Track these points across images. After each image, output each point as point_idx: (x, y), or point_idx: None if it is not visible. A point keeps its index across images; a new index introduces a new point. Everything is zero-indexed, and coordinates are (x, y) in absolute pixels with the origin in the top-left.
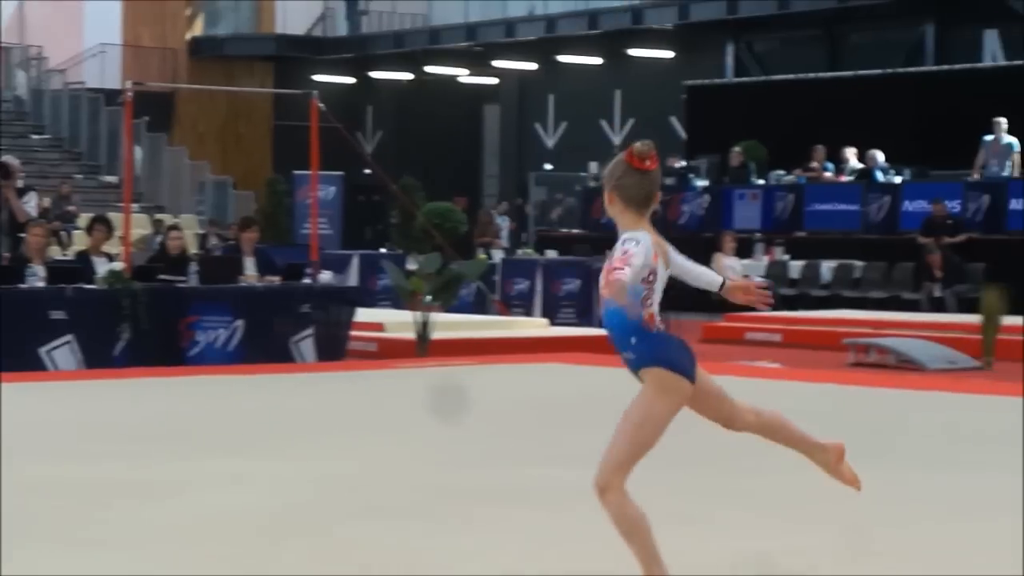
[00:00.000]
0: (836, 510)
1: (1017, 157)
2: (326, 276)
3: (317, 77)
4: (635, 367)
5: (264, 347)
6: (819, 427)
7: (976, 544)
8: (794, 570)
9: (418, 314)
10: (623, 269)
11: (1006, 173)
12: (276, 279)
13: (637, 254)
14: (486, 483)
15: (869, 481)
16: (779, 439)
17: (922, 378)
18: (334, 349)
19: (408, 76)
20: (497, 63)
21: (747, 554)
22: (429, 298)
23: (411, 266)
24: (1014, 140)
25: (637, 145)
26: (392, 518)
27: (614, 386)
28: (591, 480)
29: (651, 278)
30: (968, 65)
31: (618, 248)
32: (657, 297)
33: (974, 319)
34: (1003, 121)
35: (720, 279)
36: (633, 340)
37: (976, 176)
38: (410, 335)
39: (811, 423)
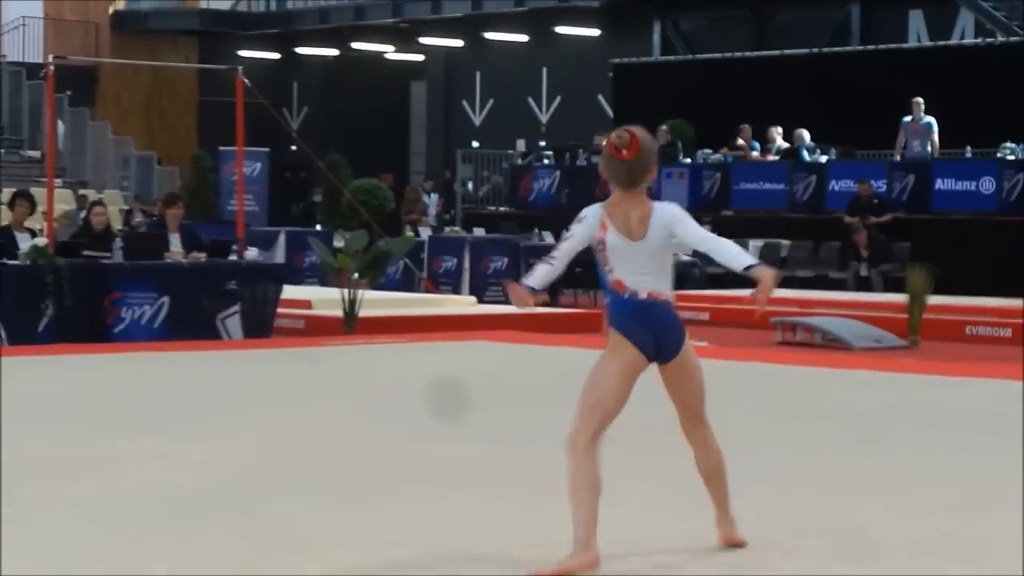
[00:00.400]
0: (760, 489)
1: (936, 137)
2: (252, 253)
3: (242, 52)
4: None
5: (190, 324)
6: (747, 405)
7: (900, 517)
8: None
9: (345, 291)
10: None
11: (927, 152)
12: (202, 256)
13: (573, 230)
14: (412, 461)
15: (800, 459)
16: (709, 483)
17: (848, 357)
18: (261, 326)
19: (334, 52)
20: (424, 40)
21: (673, 532)
22: (356, 275)
23: (338, 243)
24: (932, 120)
25: (614, 136)
26: (316, 495)
27: (541, 364)
28: (519, 457)
29: (600, 247)
30: (893, 45)
31: None
32: (620, 264)
33: (900, 298)
34: (920, 101)
35: (747, 262)
36: (607, 301)
37: (898, 156)
38: (337, 313)
39: (739, 402)
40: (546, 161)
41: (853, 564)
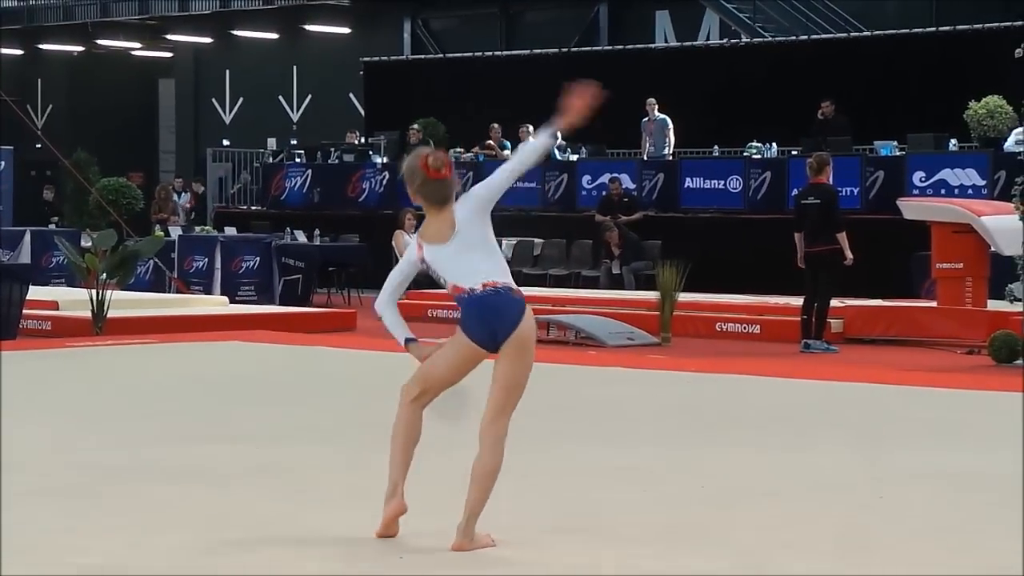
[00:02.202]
0: (513, 484)
1: (671, 134)
2: None
3: None
4: None
5: None
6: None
7: (652, 507)
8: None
9: (93, 292)
10: None
11: (666, 151)
12: None
13: (405, 257)
14: (158, 462)
15: (553, 454)
16: (472, 485)
17: (601, 354)
18: (6, 328)
19: (79, 49)
20: (171, 37)
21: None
22: (104, 276)
23: (86, 243)
24: (667, 118)
25: (431, 158)
26: (60, 498)
27: (295, 364)
28: (272, 456)
29: (424, 266)
30: (641, 45)
31: None
32: (447, 272)
33: (652, 296)
34: (653, 101)
35: (550, 129)
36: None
37: (645, 156)
38: (85, 313)
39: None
40: (298, 160)
41: (601, 553)
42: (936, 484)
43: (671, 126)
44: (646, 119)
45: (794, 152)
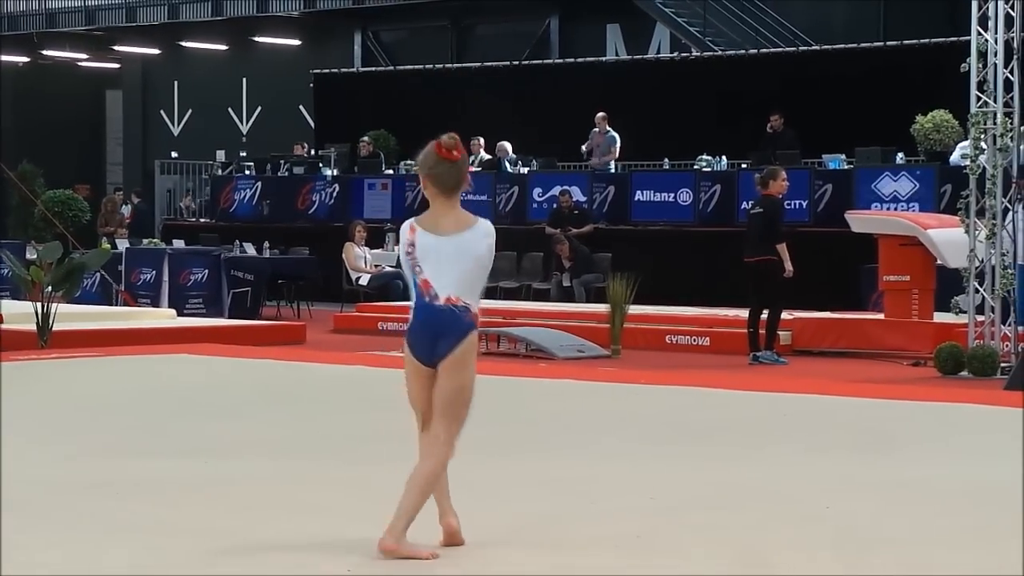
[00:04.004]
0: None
1: (617, 148)
2: None
3: None
4: None
5: None
6: None
7: (600, 517)
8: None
9: (39, 305)
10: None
11: (610, 168)
12: None
13: (400, 241)
14: (105, 476)
15: (502, 467)
16: (405, 489)
17: (552, 366)
18: None
19: (24, 59)
20: (119, 48)
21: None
22: (50, 288)
23: (31, 255)
24: (615, 134)
25: (444, 138)
26: (4, 513)
27: (240, 377)
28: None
29: (409, 249)
30: (592, 58)
31: None
32: (428, 264)
33: (602, 308)
34: (603, 115)
35: None
36: (412, 302)
37: (584, 158)
38: (31, 327)
39: None
40: (247, 172)
41: (549, 564)
42: (883, 494)
43: (618, 144)
44: (595, 130)
45: (744, 165)
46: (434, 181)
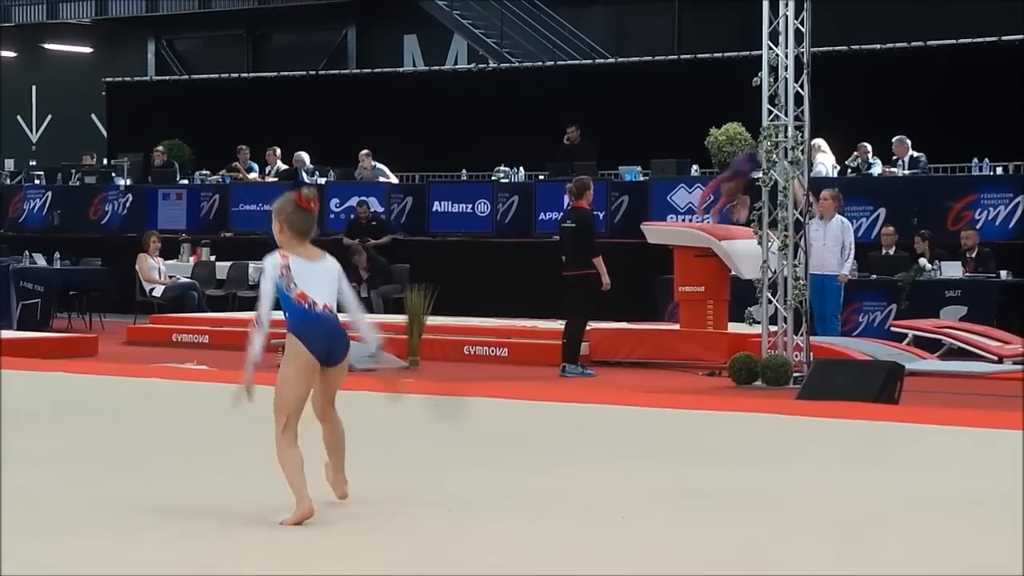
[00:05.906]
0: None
1: (388, 177)
2: None
3: None
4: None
5: None
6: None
7: (395, 532)
8: None
9: None
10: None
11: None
12: None
13: (264, 274)
14: None
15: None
16: (333, 454)
17: (349, 378)
18: None
19: None
20: None
21: None
22: None
23: None
24: (383, 167)
25: (304, 191)
26: None
27: (31, 390)
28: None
29: (284, 271)
30: (389, 68)
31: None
32: (303, 281)
33: (400, 319)
34: (366, 152)
35: (377, 341)
36: (287, 315)
37: (357, 176)
38: None
39: (221, 424)
40: (37, 181)
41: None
42: (676, 502)
43: (391, 178)
44: (361, 165)
45: (541, 176)
46: (290, 226)
